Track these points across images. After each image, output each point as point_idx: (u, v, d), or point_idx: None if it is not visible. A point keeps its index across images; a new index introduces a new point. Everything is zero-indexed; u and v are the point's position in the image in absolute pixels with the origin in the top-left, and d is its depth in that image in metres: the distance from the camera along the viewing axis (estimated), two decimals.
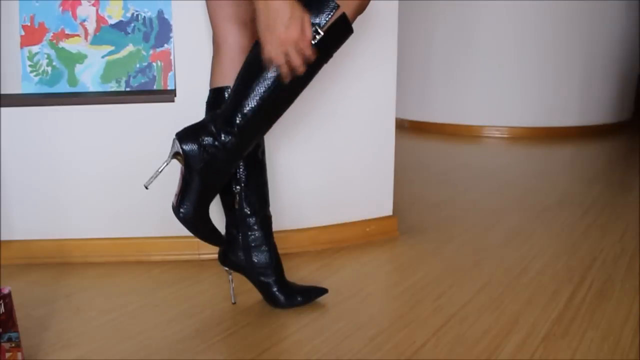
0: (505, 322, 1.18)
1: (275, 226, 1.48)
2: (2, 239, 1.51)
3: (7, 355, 0.95)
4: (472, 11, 3.53)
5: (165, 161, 1.10)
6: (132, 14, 1.47)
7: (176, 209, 1.09)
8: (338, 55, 1.55)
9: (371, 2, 1.56)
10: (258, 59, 1.03)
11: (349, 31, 1.05)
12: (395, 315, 1.22)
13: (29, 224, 1.50)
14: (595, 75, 3.67)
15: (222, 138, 1.06)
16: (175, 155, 1.08)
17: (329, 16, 1.01)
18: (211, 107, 1.19)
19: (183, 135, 1.07)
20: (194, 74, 1.46)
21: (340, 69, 1.57)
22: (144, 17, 1.47)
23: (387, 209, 1.73)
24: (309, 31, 0.99)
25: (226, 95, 1.16)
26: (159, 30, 1.47)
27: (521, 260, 1.53)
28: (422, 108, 3.85)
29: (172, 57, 1.48)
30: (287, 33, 0.97)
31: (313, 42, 1.00)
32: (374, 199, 1.70)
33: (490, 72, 3.58)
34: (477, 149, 3.20)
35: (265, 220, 1.21)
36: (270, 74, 1.03)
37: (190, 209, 1.08)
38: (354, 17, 1.06)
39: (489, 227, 1.81)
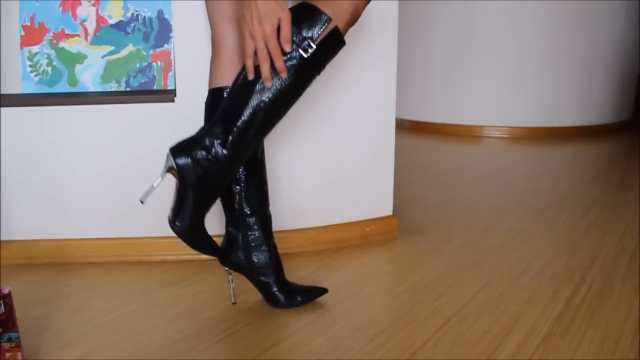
0: (505, 322, 1.18)
1: (275, 226, 1.48)
2: (2, 239, 1.51)
3: (7, 355, 0.95)
4: (472, 11, 3.53)
5: (160, 176, 1.10)
6: (132, 14, 1.47)
7: (172, 222, 1.09)
8: (338, 56, 1.55)
9: (371, 2, 1.56)
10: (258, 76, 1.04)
11: (341, 43, 1.06)
12: (395, 315, 1.22)
13: (29, 224, 1.50)
14: (595, 75, 3.67)
15: (216, 151, 1.06)
16: (169, 169, 1.08)
17: (322, 29, 1.02)
18: (210, 107, 1.19)
19: (176, 150, 1.07)
20: (194, 74, 1.46)
21: (340, 69, 1.57)
22: (144, 17, 1.47)
23: (387, 209, 1.73)
24: (286, 30, 0.99)
25: (225, 96, 1.16)
26: (159, 30, 1.47)
27: (521, 260, 1.53)
28: (422, 108, 3.85)
29: (172, 57, 1.48)
30: (259, 28, 0.97)
31: (305, 55, 1.02)
32: (374, 199, 1.70)
33: (490, 72, 3.58)
34: (477, 149, 3.20)
35: (265, 220, 1.21)
36: (261, 86, 1.03)
37: (185, 222, 1.08)
38: (346, 29, 1.06)
39: (489, 227, 1.81)
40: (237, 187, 1.18)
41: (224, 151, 1.06)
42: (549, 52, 3.52)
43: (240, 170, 1.18)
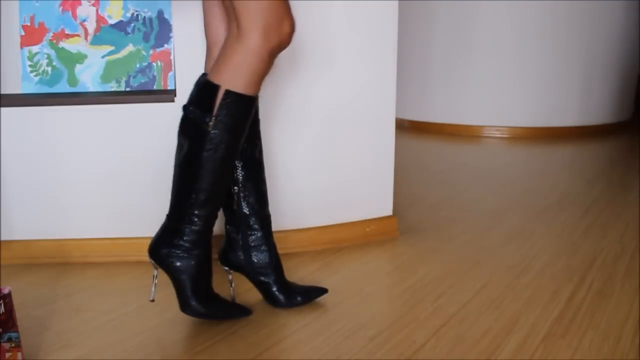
0: (505, 322, 1.18)
1: (275, 226, 1.48)
2: (2, 239, 1.50)
3: (7, 355, 0.95)
4: (471, 11, 3.53)
5: (155, 274, 1.17)
6: (132, 14, 1.47)
7: (186, 310, 1.12)
8: (338, 56, 1.55)
9: (371, 2, 1.56)
10: (186, 160, 1.07)
11: (248, 101, 1.05)
12: (395, 315, 1.22)
13: (29, 224, 1.50)
14: (595, 75, 3.67)
15: (182, 238, 1.10)
16: (154, 265, 1.15)
17: (213, 98, 1.03)
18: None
19: (150, 250, 1.13)
20: (194, 74, 1.45)
21: (340, 69, 1.57)
22: (144, 17, 1.47)
23: (387, 209, 1.73)
24: None
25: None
26: (159, 30, 1.47)
27: (521, 260, 1.53)
28: (422, 108, 3.84)
29: (172, 57, 1.48)
30: None
31: (210, 129, 1.04)
32: (374, 199, 1.70)
33: (490, 72, 3.58)
34: (477, 149, 3.19)
35: (264, 220, 1.21)
36: (194, 170, 1.06)
37: (194, 303, 1.11)
38: (257, 80, 1.05)
39: (489, 227, 1.81)
40: (236, 187, 1.18)
41: (185, 236, 1.10)
42: (549, 52, 3.52)
43: (239, 170, 1.18)
